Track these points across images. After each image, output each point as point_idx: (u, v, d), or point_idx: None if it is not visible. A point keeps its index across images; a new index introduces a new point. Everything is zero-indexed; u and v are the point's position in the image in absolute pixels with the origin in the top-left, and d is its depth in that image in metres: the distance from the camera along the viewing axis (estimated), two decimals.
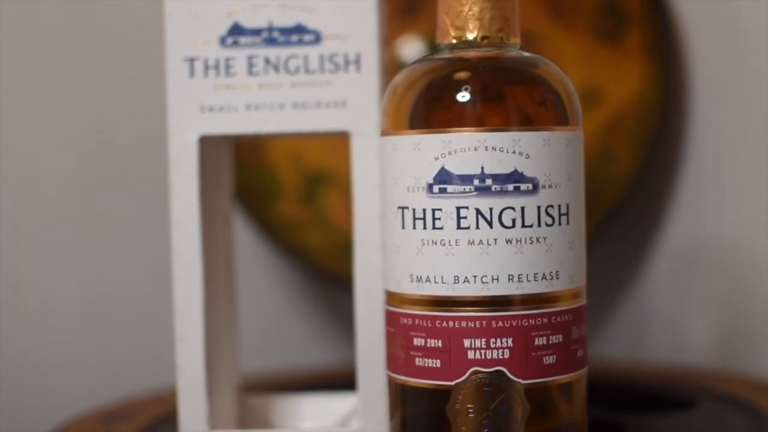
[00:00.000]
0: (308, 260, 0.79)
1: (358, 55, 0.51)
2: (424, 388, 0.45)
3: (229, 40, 0.52)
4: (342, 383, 0.60)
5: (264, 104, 0.51)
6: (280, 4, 0.51)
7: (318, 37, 0.51)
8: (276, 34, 0.51)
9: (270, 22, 0.51)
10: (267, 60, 0.51)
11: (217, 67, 0.51)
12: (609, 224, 0.78)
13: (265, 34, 0.51)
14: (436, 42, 0.47)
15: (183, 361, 0.52)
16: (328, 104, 0.51)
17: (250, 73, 0.51)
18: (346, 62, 0.51)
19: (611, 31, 0.77)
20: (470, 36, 0.46)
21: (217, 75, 0.51)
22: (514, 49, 0.46)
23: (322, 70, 0.51)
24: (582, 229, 0.46)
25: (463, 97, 0.44)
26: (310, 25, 0.51)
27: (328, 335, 0.83)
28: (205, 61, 0.52)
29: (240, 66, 0.51)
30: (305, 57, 0.51)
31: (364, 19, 0.51)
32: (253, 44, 0.51)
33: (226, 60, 0.51)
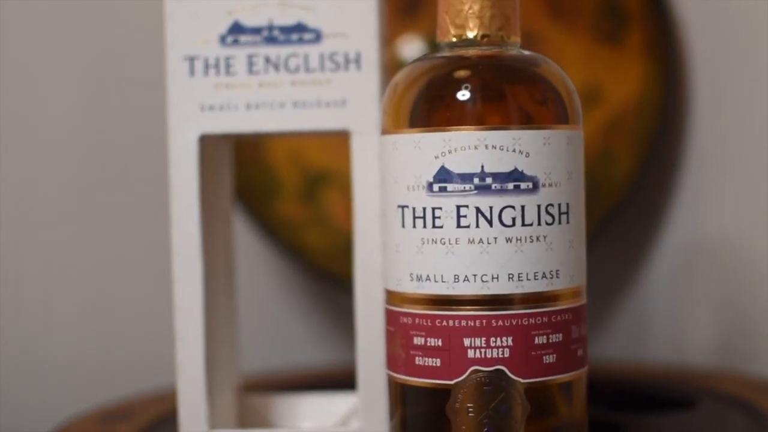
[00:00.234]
0: (308, 260, 0.79)
1: (358, 53, 0.51)
2: (424, 387, 0.45)
3: (229, 39, 0.51)
4: (342, 383, 0.60)
5: (264, 103, 0.51)
6: (280, 3, 0.51)
7: (318, 36, 0.51)
8: (276, 32, 0.51)
9: (270, 20, 0.51)
10: (267, 59, 0.51)
11: (217, 66, 0.51)
12: (609, 224, 0.78)
13: (265, 32, 0.51)
14: (437, 40, 0.47)
15: (183, 361, 0.52)
16: (328, 103, 0.51)
17: (250, 72, 0.51)
18: (347, 61, 0.51)
19: (611, 31, 0.77)
20: (470, 34, 0.46)
21: (218, 74, 0.51)
22: (514, 48, 0.46)
23: (323, 69, 0.51)
24: (582, 228, 0.46)
25: (463, 95, 0.44)
26: (311, 23, 0.51)
27: (328, 335, 0.83)
28: (205, 60, 0.51)
29: (240, 65, 0.51)
30: (305, 56, 0.51)
31: (365, 17, 0.51)
32: (254, 43, 0.51)
33: (226, 59, 0.51)
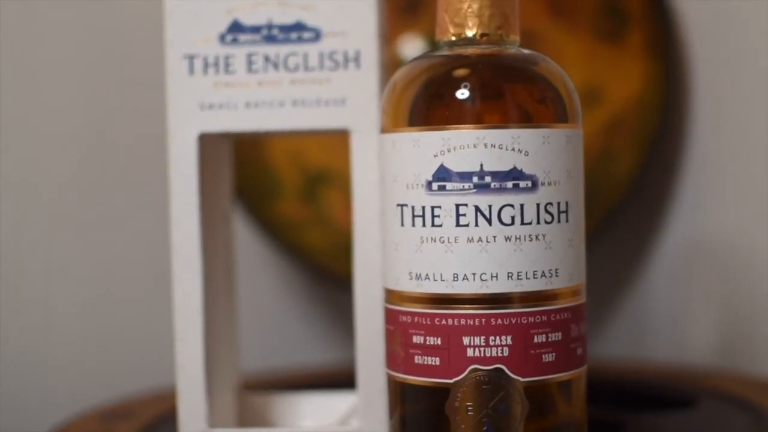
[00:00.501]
0: (308, 259, 0.79)
1: (357, 52, 0.51)
2: (424, 386, 0.45)
3: (228, 38, 0.51)
4: (342, 382, 0.60)
5: (263, 102, 0.51)
6: (279, 2, 0.51)
7: (318, 35, 0.51)
8: (275, 31, 0.51)
9: (269, 19, 0.51)
10: (266, 58, 0.51)
11: (216, 64, 0.51)
12: (609, 224, 0.78)
13: (264, 31, 0.51)
14: (436, 39, 0.47)
15: (183, 360, 0.52)
16: (327, 102, 0.51)
17: (249, 70, 0.51)
18: (346, 60, 0.51)
19: (612, 30, 0.77)
20: (469, 33, 0.46)
21: (217, 73, 0.51)
22: (513, 47, 0.46)
23: (322, 68, 0.51)
24: (581, 226, 0.46)
25: (462, 94, 0.44)
26: (310, 22, 0.51)
27: (328, 334, 0.83)
28: (204, 58, 0.51)
29: (239, 64, 0.51)
30: (305, 55, 0.51)
31: (364, 16, 0.51)
32: (253, 42, 0.51)
33: (226, 58, 0.51)
